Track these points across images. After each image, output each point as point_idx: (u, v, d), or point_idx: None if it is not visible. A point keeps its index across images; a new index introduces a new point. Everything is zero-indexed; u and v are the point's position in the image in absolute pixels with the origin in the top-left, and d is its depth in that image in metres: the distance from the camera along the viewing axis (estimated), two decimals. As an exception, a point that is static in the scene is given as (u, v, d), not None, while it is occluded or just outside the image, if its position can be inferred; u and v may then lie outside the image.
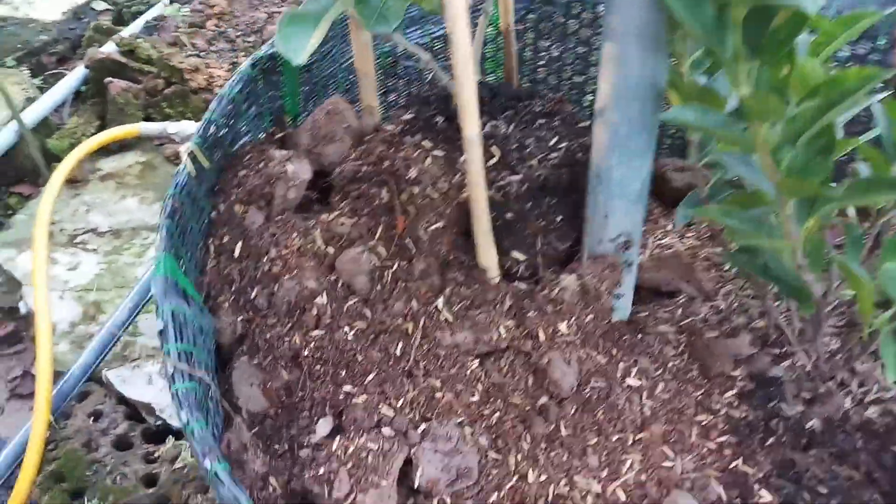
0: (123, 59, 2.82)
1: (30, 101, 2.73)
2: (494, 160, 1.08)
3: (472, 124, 0.89)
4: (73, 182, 2.57)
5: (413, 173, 1.06)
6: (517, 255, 1.07)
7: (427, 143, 1.11)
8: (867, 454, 0.95)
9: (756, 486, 0.91)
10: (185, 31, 3.20)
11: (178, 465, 1.56)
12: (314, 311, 1.03)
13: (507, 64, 1.25)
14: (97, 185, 2.55)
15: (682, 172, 1.59)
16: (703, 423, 1.00)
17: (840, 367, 1.05)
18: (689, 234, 1.47)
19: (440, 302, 1.01)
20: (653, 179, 1.57)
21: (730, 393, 1.03)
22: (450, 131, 1.14)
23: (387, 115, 1.29)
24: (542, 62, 1.57)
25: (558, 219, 1.08)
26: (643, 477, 0.94)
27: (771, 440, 0.97)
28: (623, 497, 0.92)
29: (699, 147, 0.97)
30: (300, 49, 0.88)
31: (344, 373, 1.00)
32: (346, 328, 1.01)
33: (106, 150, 2.71)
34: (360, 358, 0.99)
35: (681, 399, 1.02)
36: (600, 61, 0.90)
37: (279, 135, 1.25)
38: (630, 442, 0.97)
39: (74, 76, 2.90)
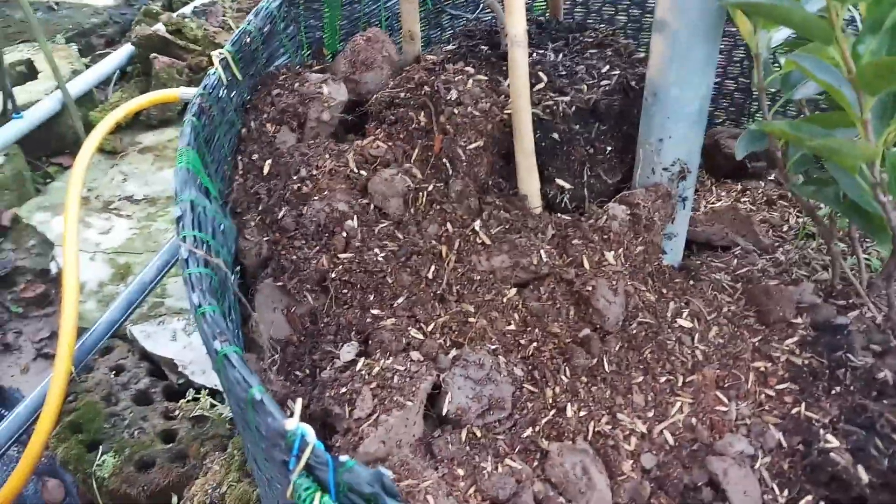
0: (170, 37, 2.83)
1: (76, 73, 2.74)
2: (542, 85, 1.01)
3: (517, 21, 0.82)
4: (112, 153, 2.57)
5: (453, 95, 1.00)
6: (562, 182, 0.99)
7: (470, 69, 1.05)
8: (946, 410, 0.85)
9: (822, 432, 0.81)
10: (233, 16, 3.22)
11: (197, 418, 1.50)
12: (343, 234, 0.96)
13: (555, -3, 1.18)
14: (135, 156, 2.55)
15: (736, 140, 1.51)
16: (761, 369, 0.90)
17: (915, 322, 0.96)
18: (745, 199, 1.38)
19: (477, 224, 0.94)
20: (705, 147, 1.49)
21: (790, 340, 0.93)
22: (494, 58, 1.08)
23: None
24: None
25: (608, 149, 1.01)
26: (693, 420, 0.85)
27: (837, 388, 0.87)
28: (671, 439, 0.84)
29: (764, 66, 0.89)
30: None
31: (372, 297, 0.93)
32: (377, 250, 0.94)
33: (146, 125, 2.71)
34: (389, 281, 0.93)
35: (736, 344, 0.93)
36: (663, -39, 0.83)
37: (317, 67, 1.20)
38: (680, 384, 0.89)
39: (121, 53, 2.92)
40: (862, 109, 0.74)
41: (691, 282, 1.02)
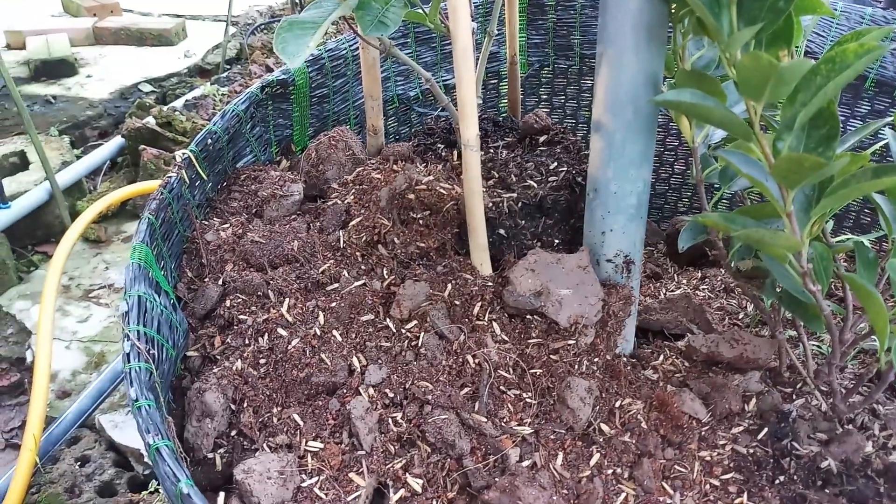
0: (159, 130, 2.92)
1: (66, 164, 2.82)
2: (492, 182, 1.06)
3: (470, 125, 0.86)
4: (96, 242, 2.61)
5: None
6: (511, 274, 1.02)
7: (421, 166, 1.09)
8: (892, 501, 0.85)
9: (763, 523, 0.81)
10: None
11: (159, 512, 1.48)
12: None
13: (510, 96, 1.24)
14: (119, 245, 2.59)
15: (696, 230, 1.55)
16: (706, 459, 0.91)
17: (860, 409, 0.97)
18: (703, 287, 1.41)
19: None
20: (668, 235, 1.52)
21: (736, 429, 0.94)
22: (448, 156, 1.12)
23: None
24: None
25: (556, 242, 1.04)
26: (638, 511, 0.85)
27: (781, 478, 0.87)
28: (615, 530, 0.83)
29: (703, 160, 0.94)
30: (298, 53, 0.88)
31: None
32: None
33: (131, 214, 2.76)
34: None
35: (682, 433, 0.94)
36: (596, 67, 0.89)
37: (285, 163, 1.25)
38: (626, 476, 0.89)
39: (111, 145, 3.00)
40: (785, 202, 0.78)
41: (641, 370, 1.03)
